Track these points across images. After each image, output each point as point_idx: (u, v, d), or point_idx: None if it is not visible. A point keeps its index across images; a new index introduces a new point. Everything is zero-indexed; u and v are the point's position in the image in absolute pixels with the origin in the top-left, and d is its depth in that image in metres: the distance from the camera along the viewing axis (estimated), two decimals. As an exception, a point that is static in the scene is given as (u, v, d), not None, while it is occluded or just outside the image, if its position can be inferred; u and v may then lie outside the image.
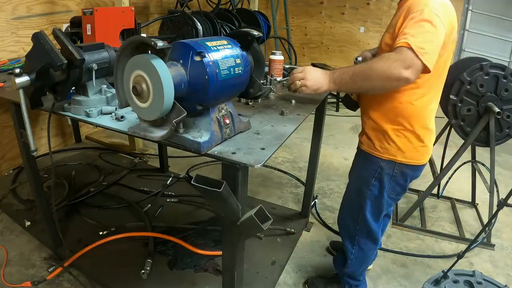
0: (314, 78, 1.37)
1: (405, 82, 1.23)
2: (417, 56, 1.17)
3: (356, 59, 1.65)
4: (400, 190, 1.57)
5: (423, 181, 3.06)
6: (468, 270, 1.58)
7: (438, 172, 2.66)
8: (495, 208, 1.75)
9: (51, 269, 1.90)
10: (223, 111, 1.15)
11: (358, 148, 1.66)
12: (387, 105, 1.43)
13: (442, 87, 1.45)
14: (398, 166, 1.49)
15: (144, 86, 1.00)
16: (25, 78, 1.18)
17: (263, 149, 1.12)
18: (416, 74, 1.21)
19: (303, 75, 1.38)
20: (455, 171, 2.68)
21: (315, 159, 2.28)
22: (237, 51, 1.14)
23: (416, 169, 1.53)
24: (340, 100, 2.02)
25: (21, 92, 1.22)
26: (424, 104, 1.41)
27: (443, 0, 1.27)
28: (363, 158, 1.61)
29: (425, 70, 1.21)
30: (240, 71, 1.12)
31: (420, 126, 1.43)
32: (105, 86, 1.40)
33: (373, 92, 1.43)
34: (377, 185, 1.55)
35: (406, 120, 1.42)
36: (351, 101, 1.77)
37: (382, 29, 6.10)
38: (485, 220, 2.60)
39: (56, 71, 1.21)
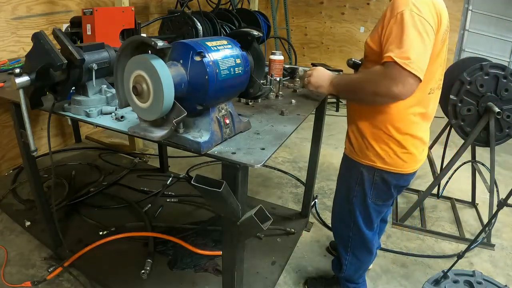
0: (318, 77, 1.47)
1: (397, 98, 1.19)
2: (404, 69, 1.12)
3: (348, 61, 1.64)
4: (386, 197, 1.51)
5: (423, 181, 3.06)
6: (468, 270, 1.59)
7: (438, 172, 2.66)
8: (495, 208, 1.75)
9: (51, 269, 1.90)
10: (223, 111, 1.15)
11: (344, 152, 1.62)
12: (367, 108, 1.39)
13: (432, 91, 1.36)
14: (378, 172, 1.43)
15: (144, 86, 1.00)
16: (25, 78, 1.18)
17: (263, 149, 1.12)
18: (411, 87, 1.15)
19: (311, 73, 1.49)
20: (455, 171, 2.68)
21: (315, 159, 2.28)
22: (237, 51, 1.14)
23: (400, 178, 1.44)
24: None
25: (21, 92, 1.22)
26: (402, 107, 1.32)
27: None
28: (346, 163, 1.58)
29: (418, 79, 1.15)
30: (240, 71, 1.12)
31: (399, 132, 1.36)
32: (105, 86, 1.40)
33: (364, 104, 1.39)
34: (360, 191, 1.51)
35: (383, 123, 1.36)
36: None
37: (382, 29, 6.10)
38: (485, 220, 2.60)
39: (56, 71, 1.21)
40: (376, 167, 1.43)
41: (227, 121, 1.15)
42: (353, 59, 1.59)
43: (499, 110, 2.14)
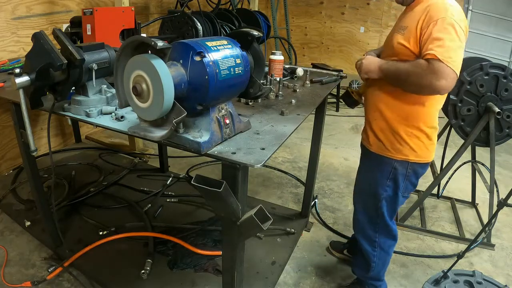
0: (368, 64, 1.52)
1: (438, 92, 1.31)
2: (447, 66, 1.24)
3: (350, 84, 1.68)
4: (411, 188, 1.61)
5: (423, 181, 3.05)
6: (468, 270, 1.59)
7: (438, 172, 2.66)
8: (495, 208, 1.74)
9: (51, 269, 1.90)
10: (223, 111, 1.15)
11: (365, 149, 1.67)
12: (400, 106, 1.47)
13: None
14: (411, 165, 1.53)
15: (144, 86, 1.00)
16: (25, 78, 1.18)
17: (263, 149, 1.12)
18: (452, 82, 1.27)
19: (362, 61, 1.56)
20: (455, 171, 2.67)
21: (315, 159, 2.28)
22: (237, 51, 1.14)
23: (425, 167, 1.57)
24: (340, 96, 2.06)
25: (21, 92, 1.22)
26: (434, 104, 1.46)
27: (458, 7, 1.31)
28: (374, 160, 1.62)
29: (457, 76, 1.27)
30: (240, 71, 1.12)
31: (429, 126, 1.48)
32: (105, 86, 1.40)
33: (407, 91, 1.46)
34: (391, 186, 1.58)
35: (417, 120, 1.47)
36: (351, 99, 1.81)
37: (382, 29, 6.11)
38: (485, 220, 2.60)
39: (56, 71, 1.21)
40: (410, 160, 1.52)
41: (227, 121, 1.15)
42: (354, 86, 1.63)
43: (499, 110, 2.14)
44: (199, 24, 2.43)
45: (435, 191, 2.80)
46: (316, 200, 2.72)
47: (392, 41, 1.46)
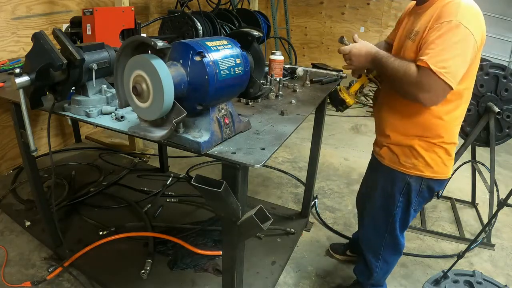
0: (356, 58, 1.42)
1: (424, 104, 1.24)
2: (439, 77, 1.14)
3: (342, 38, 1.54)
4: (424, 202, 1.55)
5: (423, 181, 3.05)
6: (468, 270, 1.59)
7: (438, 172, 2.66)
8: (495, 208, 1.75)
9: (51, 269, 1.90)
10: (223, 111, 1.15)
11: (377, 161, 1.59)
12: (415, 119, 1.39)
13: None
14: (426, 181, 1.45)
15: (144, 86, 1.00)
16: (25, 78, 1.18)
17: (263, 149, 1.12)
18: (440, 95, 1.20)
19: (351, 48, 1.42)
20: (455, 171, 2.67)
21: (315, 159, 2.28)
22: (237, 51, 1.14)
23: (442, 183, 1.49)
24: (328, 96, 1.82)
25: (21, 92, 1.22)
26: (454, 118, 1.37)
27: (475, 9, 1.19)
28: (386, 174, 1.53)
29: (450, 88, 1.18)
30: (240, 71, 1.12)
31: (447, 141, 1.39)
32: (105, 86, 1.40)
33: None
34: (403, 201, 1.51)
35: (435, 135, 1.38)
36: (337, 98, 1.65)
37: (382, 29, 6.11)
38: (485, 220, 2.60)
39: (56, 71, 1.21)
40: (425, 176, 1.44)
41: (227, 121, 1.15)
42: (345, 39, 1.52)
43: (499, 110, 2.14)
44: (199, 24, 2.43)
45: (435, 191, 2.79)
46: (316, 200, 2.72)
47: (404, 49, 1.36)
